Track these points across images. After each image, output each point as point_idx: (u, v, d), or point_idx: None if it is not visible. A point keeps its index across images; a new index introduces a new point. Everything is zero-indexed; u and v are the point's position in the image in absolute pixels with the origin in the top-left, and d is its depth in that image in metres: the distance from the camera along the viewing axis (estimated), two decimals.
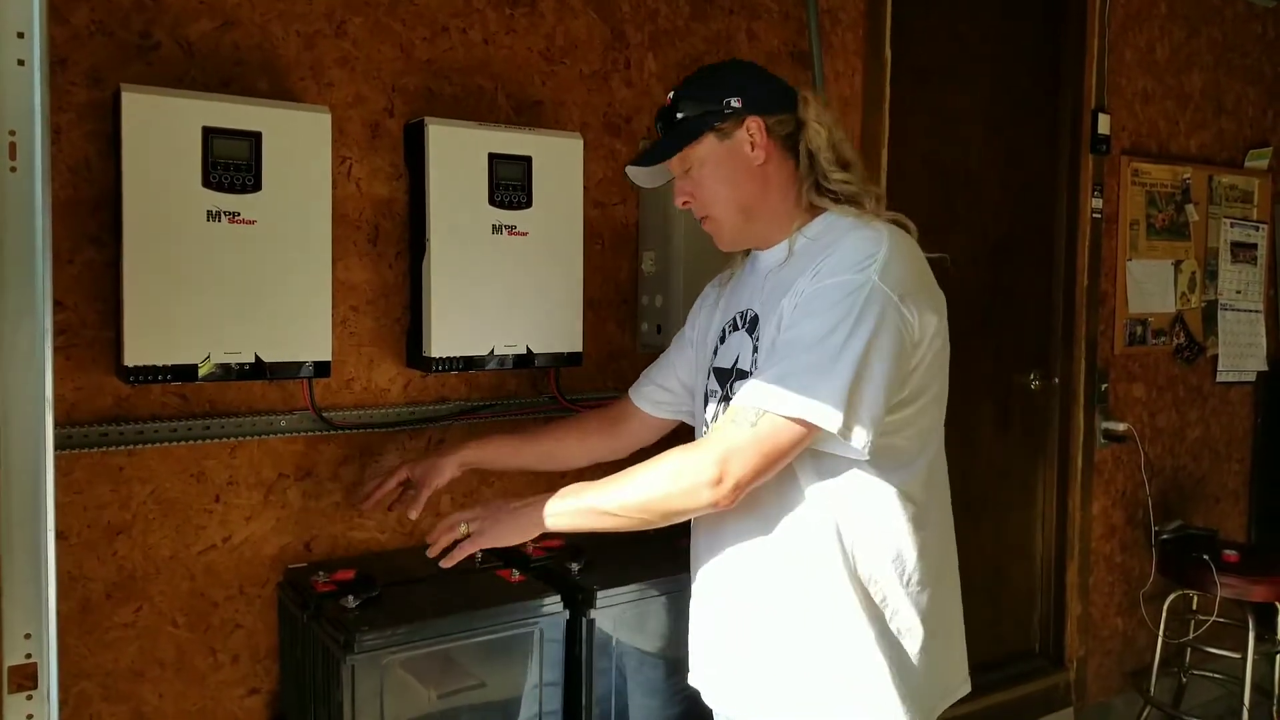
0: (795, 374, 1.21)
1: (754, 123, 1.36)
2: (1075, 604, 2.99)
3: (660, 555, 1.83)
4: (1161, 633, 2.99)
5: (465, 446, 1.65)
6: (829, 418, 1.19)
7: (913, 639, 1.33)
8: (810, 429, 1.21)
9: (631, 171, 1.46)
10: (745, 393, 1.24)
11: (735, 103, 1.36)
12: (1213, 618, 2.95)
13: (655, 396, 1.66)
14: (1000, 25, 2.79)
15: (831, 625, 1.32)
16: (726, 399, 1.38)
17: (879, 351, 1.21)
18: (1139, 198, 3.08)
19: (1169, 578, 3.01)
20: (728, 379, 1.42)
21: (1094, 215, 2.93)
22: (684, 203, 1.43)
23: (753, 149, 1.36)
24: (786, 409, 1.20)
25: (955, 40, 2.68)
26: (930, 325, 1.29)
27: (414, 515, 1.60)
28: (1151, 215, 3.12)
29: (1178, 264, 3.22)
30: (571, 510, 1.34)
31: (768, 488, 1.29)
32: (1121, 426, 3.00)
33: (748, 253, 1.49)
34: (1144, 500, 3.11)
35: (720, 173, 1.37)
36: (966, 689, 1.44)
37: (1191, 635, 3.05)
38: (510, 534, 1.38)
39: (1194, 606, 3.07)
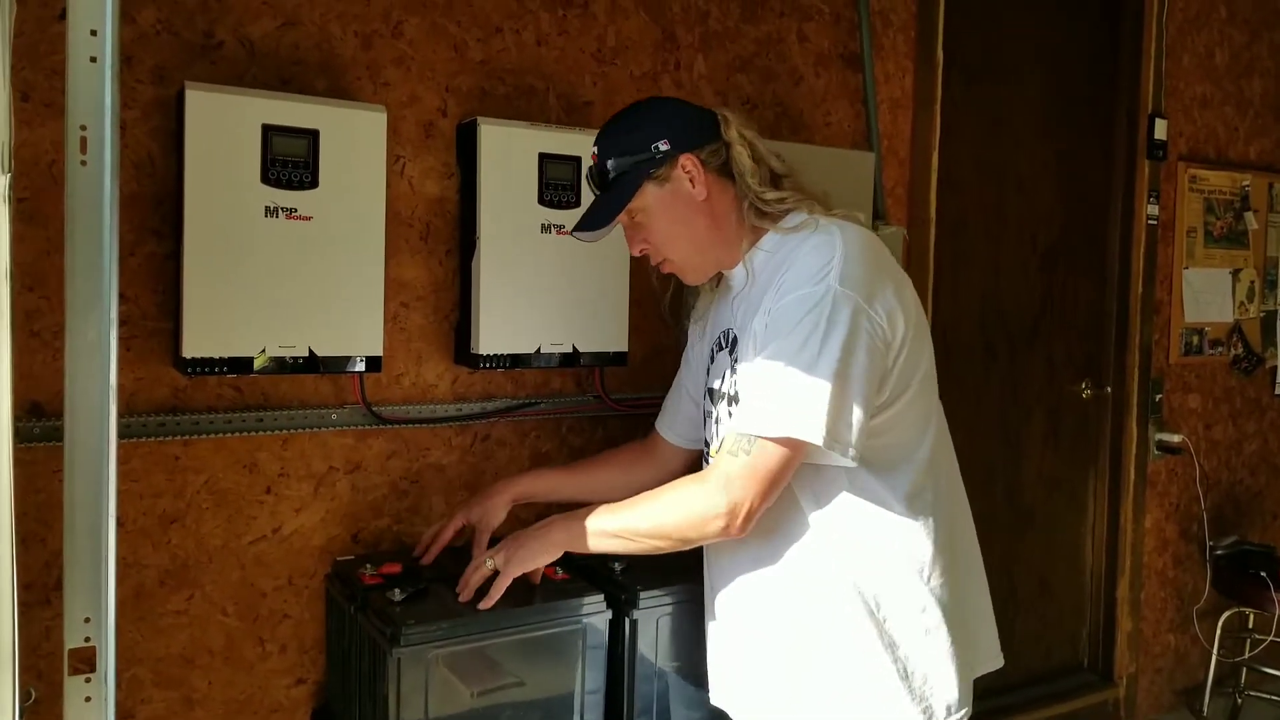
0: (776, 395, 1.23)
1: (688, 160, 1.36)
2: (1126, 619, 2.93)
3: (696, 558, 1.82)
4: (1215, 651, 2.91)
5: (515, 483, 1.68)
6: (813, 431, 1.21)
7: (940, 632, 1.33)
8: (798, 446, 1.23)
9: (579, 235, 1.46)
10: (735, 421, 1.30)
11: (664, 145, 1.36)
12: (1270, 637, 2.86)
13: (678, 428, 1.67)
14: (1055, 27, 2.74)
15: (854, 636, 1.32)
16: (719, 420, 1.43)
17: (853, 357, 1.22)
18: (1196, 205, 3.01)
19: (1224, 594, 2.93)
20: (717, 399, 1.44)
21: (1150, 222, 2.87)
22: (640, 250, 1.44)
23: (693, 185, 1.37)
24: (773, 430, 1.23)
25: (1008, 42, 2.64)
26: (899, 319, 1.28)
27: (481, 559, 1.56)
28: (1209, 223, 3.05)
29: (1236, 273, 3.14)
30: (593, 532, 1.37)
31: (771, 509, 1.31)
32: (1176, 438, 2.93)
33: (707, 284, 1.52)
34: (1198, 514, 3.03)
35: (668, 216, 1.38)
36: (999, 662, 1.46)
37: (1247, 654, 2.97)
38: (536, 558, 1.43)
39: (1250, 625, 2.98)
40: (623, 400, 2.01)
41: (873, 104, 2.26)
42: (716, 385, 1.44)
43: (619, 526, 1.35)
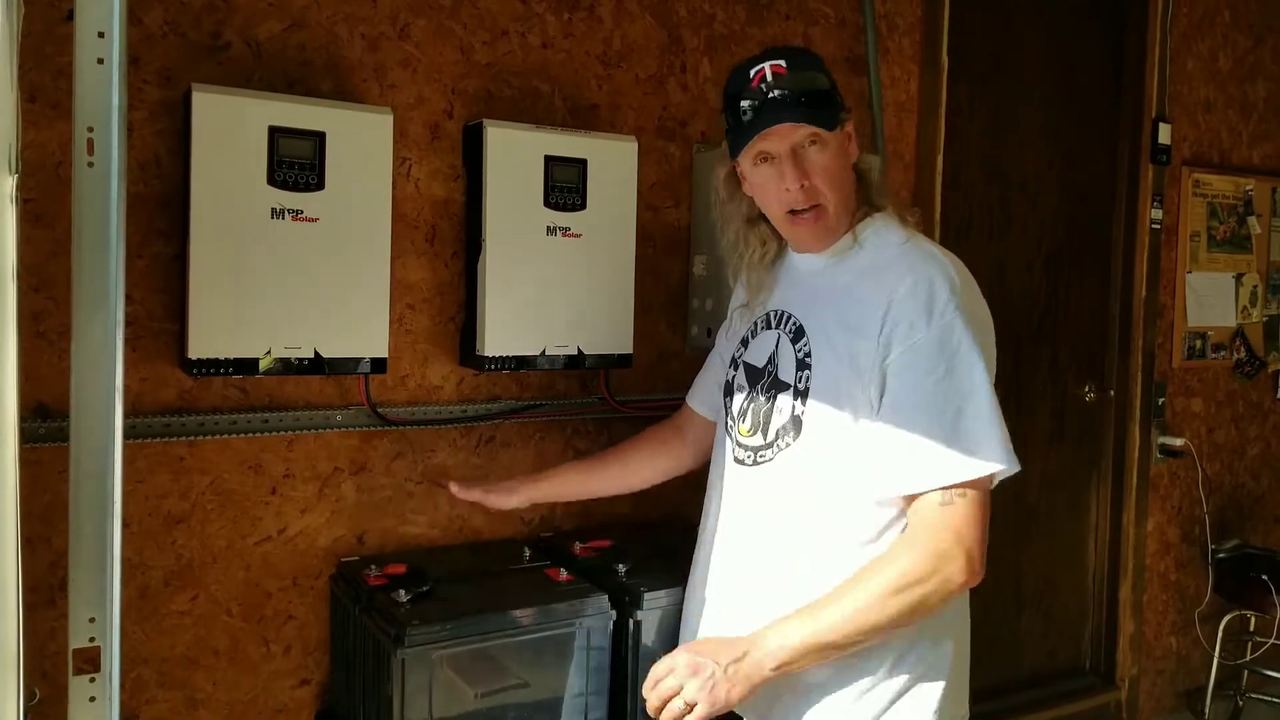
0: (960, 436, 1.21)
1: (852, 119, 1.37)
2: (1128, 621, 2.93)
3: None
4: (1217, 654, 2.92)
5: (539, 480, 1.67)
6: (1007, 460, 1.22)
7: (947, 646, 1.33)
8: (993, 476, 1.23)
9: (776, 124, 1.29)
10: (928, 474, 1.21)
11: (839, 94, 1.36)
12: (1271, 640, 2.86)
13: (714, 400, 1.60)
14: (1060, 31, 2.75)
15: (891, 645, 1.30)
16: (755, 400, 1.38)
17: (990, 378, 1.25)
18: (1200, 209, 3.01)
19: (1226, 597, 2.93)
20: (760, 379, 1.39)
21: (1153, 226, 2.87)
22: (800, 184, 1.31)
23: (851, 143, 1.36)
24: (977, 471, 1.21)
25: (1013, 46, 2.64)
26: (991, 353, 1.30)
27: (453, 489, 1.61)
28: (1213, 227, 3.05)
29: (1239, 277, 3.14)
30: (805, 650, 1.21)
31: (826, 528, 1.28)
32: (1178, 442, 2.93)
33: (760, 253, 1.47)
34: (1200, 517, 3.03)
35: (840, 162, 1.34)
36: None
37: (1248, 657, 2.97)
38: (740, 695, 1.22)
39: (1251, 628, 2.98)
40: (627, 402, 2.01)
41: (878, 108, 2.26)
42: (758, 363, 1.39)
43: (844, 634, 1.20)
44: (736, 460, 1.39)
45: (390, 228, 1.64)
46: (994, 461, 1.21)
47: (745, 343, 1.45)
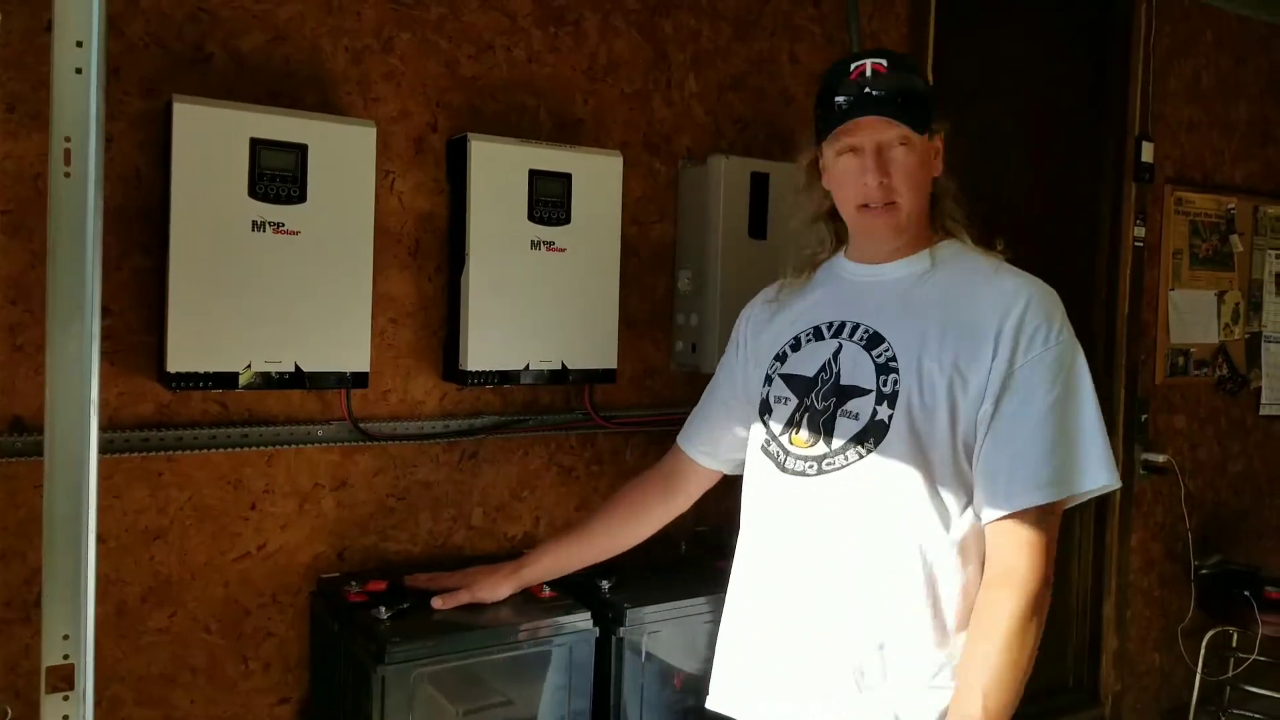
0: (1073, 454, 1.24)
1: (942, 133, 1.37)
2: (1111, 638, 2.93)
3: (693, 574, 1.82)
4: (1200, 670, 2.92)
5: (526, 565, 1.61)
6: (1111, 477, 1.25)
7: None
8: (1089, 492, 1.26)
9: (868, 115, 1.30)
10: (1035, 491, 1.22)
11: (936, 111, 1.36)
12: (1254, 656, 2.87)
13: (710, 448, 1.58)
14: (1043, 51, 2.77)
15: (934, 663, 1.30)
16: (809, 409, 1.34)
17: (1095, 396, 1.28)
18: (1182, 227, 3.04)
19: (1208, 614, 2.94)
20: (813, 387, 1.35)
21: (1136, 244, 2.89)
22: (880, 181, 1.31)
23: (936, 156, 1.37)
24: (1076, 489, 1.24)
25: (997, 65, 2.66)
26: None
27: (437, 605, 1.55)
28: (1195, 245, 3.08)
29: (1221, 295, 3.16)
30: (1001, 711, 1.23)
31: (912, 530, 1.27)
32: (1161, 458, 2.94)
33: (813, 251, 1.48)
34: (1184, 534, 3.04)
35: (923, 166, 1.34)
36: None
37: (1231, 673, 2.97)
38: None
39: (1234, 644, 2.99)
40: (612, 418, 2.00)
41: None
42: (808, 373, 1.36)
43: (1005, 684, 1.23)
44: (791, 471, 1.34)
45: (373, 241, 1.63)
46: (1097, 480, 1.24)
47: (782, 359, 1.41)
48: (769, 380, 1.41)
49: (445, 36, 1.81)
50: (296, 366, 1.58)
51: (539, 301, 1.78)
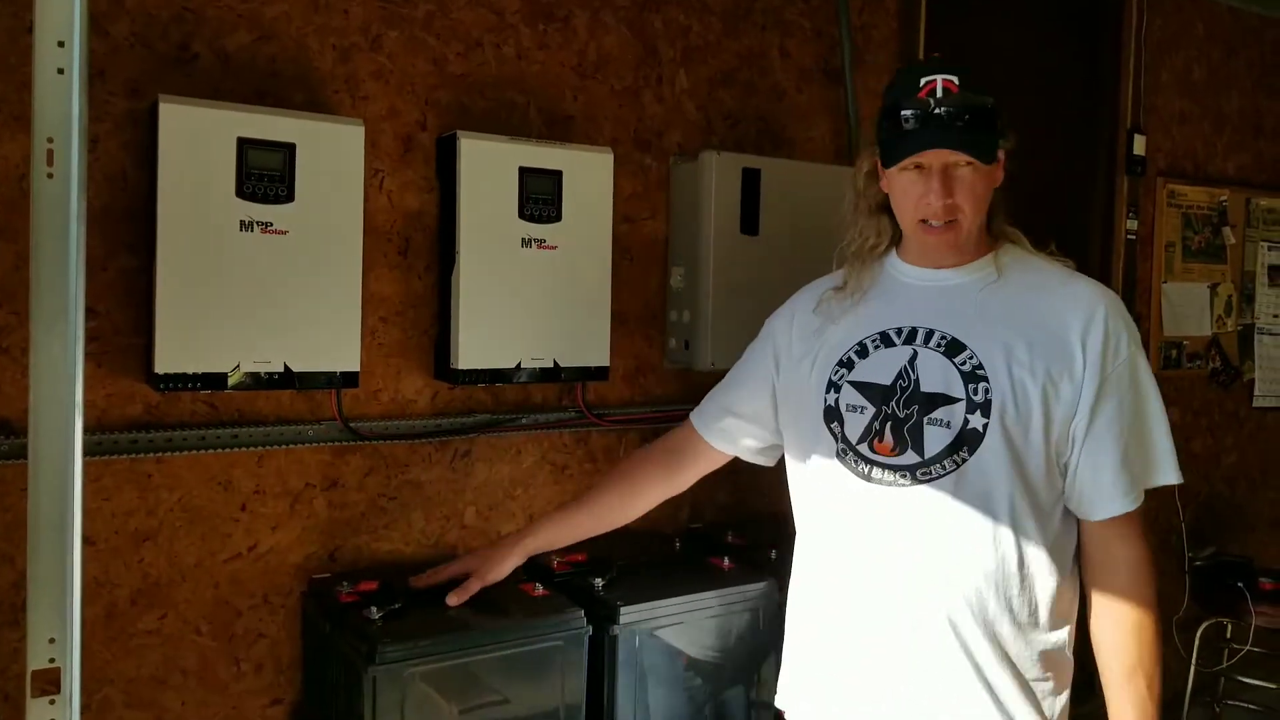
0: (1156, 455, 1.31)
1: (1007, 146, 1.37)
2: None
3: (687, 571, 1.82)
4: (1194, 661, 2.92)
5: (524, 536, 1.60)
6: (1178, 474, 1.33)
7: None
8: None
9: (932, 149, 1.30)
10: (1132, 496, 1.30)
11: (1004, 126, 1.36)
12: (1247, 647, 2.87)
13: (728, 430, 1.54)
14: (1035, 44, 2.76)
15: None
16: (891, 417, 1.32)
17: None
18: (1175, 220, 3.04)
19: (1202, 605, 2.95)
20: (892, 395, 1.32)
21: (1128, 236, 2.89)
22: (947, 202, 1.30)
23: (1000, 170, 1.36)
24: (1161, 480, 1.32)
25: (988, 58, 2.65)
26: None
27: (452, 602, 1.55)
28: (1188, 237, 3.08)
29: (1214, 287, 3.16)
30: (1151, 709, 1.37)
31: (1015, 534, 1.29)
32: None
33: (873, 243, 1.45)
34: (1177, 526, 3.04)
35: (986, 185, 1.33)
36: None
37: (1225, 664, 2.98)
38: None
39: (1228, 635, 2.99)
40: (605, 415, 2.00)
41: (855, 119, 2.27)
42: (884, 380, 1.33)
43: (1156, 668, 1.37)
44: (880, 481, 1.31)
45: (362, 240, 1.63)
46: (1169, 477, 1.32)
47: (848, 365, 1.38)
48: (834, 387, 1.37)
49: (433, 34, 1.80)
50: (286, 367, 1.57)
51: (530, 299, 1.78)
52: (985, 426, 1.27)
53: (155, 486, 1.61)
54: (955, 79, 1.30)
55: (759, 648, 1.76)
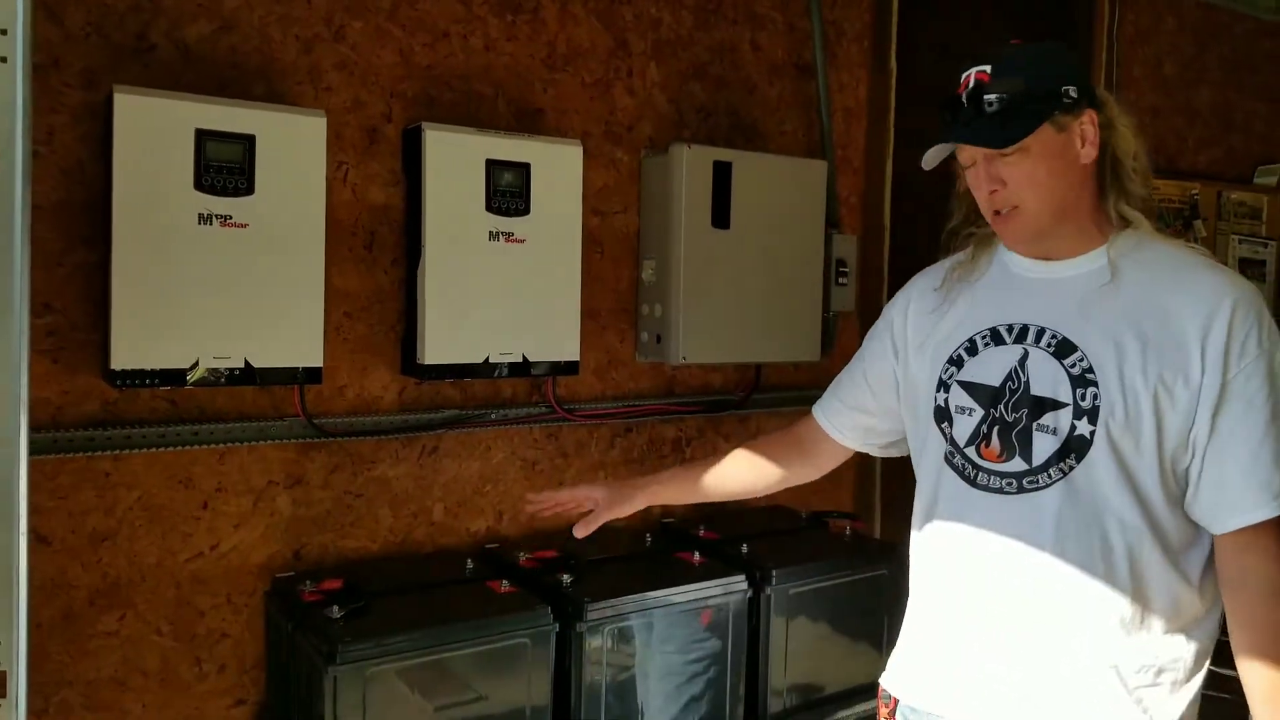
0: None
1: (1090, 117, 1.23)
2: None
3: (657, 567, 1.80)
4: None
5: (651, 485, 1.51)
6: None
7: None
8: None
9: (936, 150, 1.29)
10: (1261, 505, 1.17)
11: (1074, 92, 1.23)
12: (1222, 637, 2.88)
13: (847, 422, 1.48)
14: (1007, 39, 2.76)
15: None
16: (999, 421, 1.26)
17: None
18: None
19: None
20: (1001, 397, 1.27)
21: None
22: (991, 191, 1.26)
23: (1083, 145, 1.24)
24: None
25: (962, 52, 2.65)
26: None
27: (579, 533, 1.45)
28: (1159, 230, 3.08)
29: None
30: None
31: (1131, 547, 1.21)
32: None
33: (969, 254, 1.37)
34: None
35: (1048, 167, 1.23)
36: None
37: None
38: None
39: None
40: (575, 409, 1.98)
41: (826, 113, 2.26)
42: (993, 382, 1.27)
43: None
44: (986, 488, 1.27)
45: (324, 233, 1.60)
46: None
47: (958, 363, 1.32)
48: (944, 386, 1.32)
49: (399, 25, 1.77)
50: (246, 363, 1.55)
51: (498, 293, 1.76)
52: (1093, 434, 1.20)
53: (113, 485, 1.58)
54: (988, 68, 1.26)
55: (728, 642, 1.75)
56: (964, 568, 1.31)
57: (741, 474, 1.52)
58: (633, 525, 2.03)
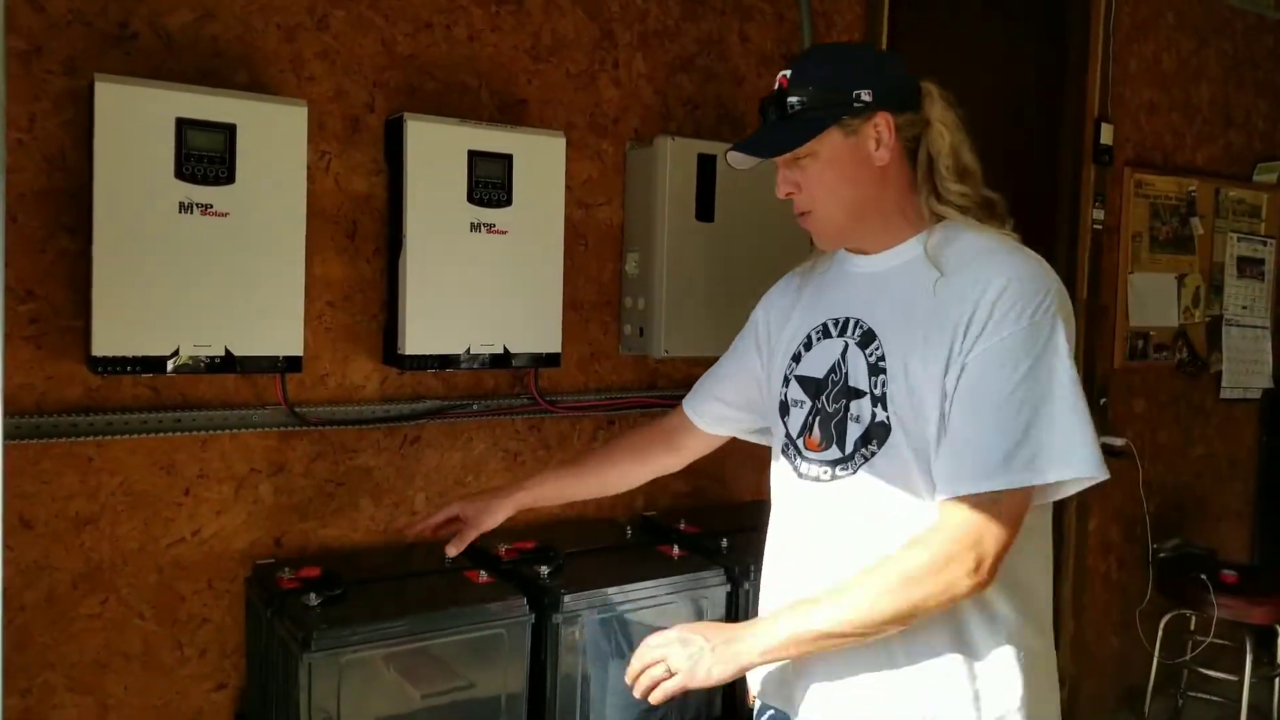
0: (1027, 441, 1.14)
1: (884, 120, 1.25)
2: (1068, 621, 2.94)
3: (635, 559, 1.81)
4: (1157, 653, 2.94)
5: (522, 488, 1.57)
6: (1093, 466, 1.15)
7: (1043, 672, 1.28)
8: (1058, 484, 1.17)
9: (732, 157, 1.33)
10: (976, 469, 1.16)
11: (866, 96, 1.25)
12: (1209, 638, 2.89)
13: (714, 412, 1.52)
14: (1000, 32, 2.75)
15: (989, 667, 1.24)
16: (821, 412, 1.30)
17: (1078, 385, 1.18)
18: (1142, 210, 3.03)
19: (1166, 597, 2.96)
20: (824, 389, 1.31)
21: (1095, 226, 2.88)
22: (787, 193, 1.30)
23: (878, 148, 1.26)
24: (1045, 476, 1.15)
25: (953, 47, 2.64)
26: None
27: (451, 553, 1.53)
28: (1155, 228, 3.07)
29: (1181, 278, 3.17)
30: (795, 640, 1.19)
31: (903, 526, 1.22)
32: (1119, 442, 2.94)
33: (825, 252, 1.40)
34: (1142, 517, 3.05)
35: (838, 170, 1.26)
36: None
37: (1189, 656, 3.00)
38: (721, 674, 1.22)
39: (1191, 627, 3.01)
40: (557, 402, 1.99)
41: None
42: (818, 374, 1.31)
43: (835, 624, 1.17)
44: (807, 477, 1.31)
45: (305, 223, 1.61)
46: (1066, 470, 1.15)
47: (797, 358, 1.36)
48: (786, 381, 1.36)
49: (381, 14, 1.78)
50: (227, 350, 1.56)
51: (479, 284, 1.76)
52: (889, 420, 1.23)
53: (96, 470, 1.60)
54: (789, 73, 1.29)
55: None
56: (789, 557, 1.35)
57: (610, 469, 1.59)
58: (614, 517, 2.04)
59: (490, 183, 1.76)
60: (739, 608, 1.81)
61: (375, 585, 1.62)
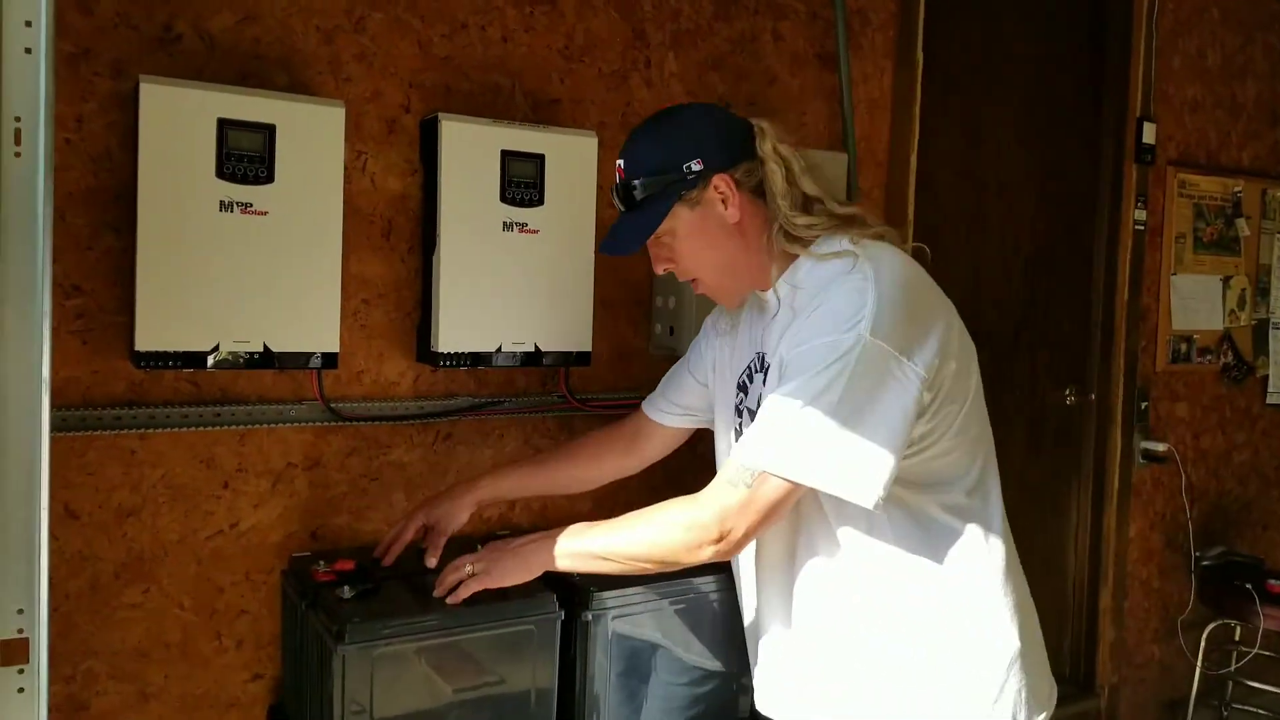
0: (788, 433, 1.17)
1: (721, 181, 1.29)
2: (1108, 629, 2.89)
3: None
4: (1200, 663, 2.88)
5: (478, 485, 1.64)
6: (823, 478, 1.17)
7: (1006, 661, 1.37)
8: (800, 485, 1.20)
9: (603, 250, 1.42)
10: (743, 451, 1.22)
11: (696, 165, 1.28)
12: (1255, 650, 2.83)
13: (673, 411, 1.63)
14: (1040, 29, 2.72)
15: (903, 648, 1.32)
16: (741, 433, 1.39)
17: (879, 407, 1.16)
18: (1186, 210, 2.97)
19: (1209, 606, 2.90)
20: (741, 418, 1.42)
21: (1136, 227, 2.83)
22: (664, 270, 1.39)
23: (726, 207, 1.30)
24: (781, 469, 1.18)
25: (991, 44, 2.61)
26: (939, 360, 1.21)
27: (432, 563, 1.59)
28: (1199, 229, 3.01)
29: (1226, 280, 3.10)
30: (574, 553, 1.35)
31: (807, 527, 1.32)
32: (1162, 447, 2.90)
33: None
34: (1185, 524, 2.99)
35: (698, 240, 1.32)
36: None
37: (1233, 667, 2.93)
38: (515, 574, 1.41)
39: (1236, 637, 2.95)
40: (588, 400, 2.00)
41: (848, 105, 2.24)
42: (755, 406, 1.34)
43: (603, 548, 1.32)
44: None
45: (341, 222, 1.64)
46: (805, 476, 1.17)
47: (744, 388, 1.42)
48: (734, 410, 1.44)
49: (418, 16, 1.80)
50: (265, 347, 1.59)
51: (511, 283, 1.78)
52: None
53: (139, 463, 1.64)
54: (622, 162, 1.35)
55: (734, 635, 1.75)
56: (743, 574, 1.51)
57: (571, 473, 1.68)
58: None
59: (523, 182, 1.77)
60: None
61: (408, 579, 1.63)
